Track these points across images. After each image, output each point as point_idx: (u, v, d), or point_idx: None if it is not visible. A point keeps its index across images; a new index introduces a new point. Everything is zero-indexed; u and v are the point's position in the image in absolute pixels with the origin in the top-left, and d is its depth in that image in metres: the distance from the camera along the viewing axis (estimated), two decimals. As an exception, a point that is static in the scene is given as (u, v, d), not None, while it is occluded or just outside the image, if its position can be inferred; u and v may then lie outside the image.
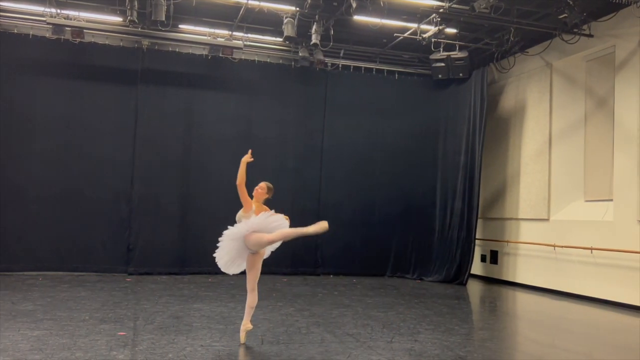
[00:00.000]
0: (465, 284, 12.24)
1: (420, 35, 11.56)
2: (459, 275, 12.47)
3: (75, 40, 11.32)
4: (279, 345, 6.18)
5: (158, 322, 7.11)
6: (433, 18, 10.92)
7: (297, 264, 12.82)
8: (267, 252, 6.34)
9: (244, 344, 6.17)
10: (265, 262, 12.91)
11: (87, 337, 6.15)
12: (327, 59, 12.91)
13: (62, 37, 11.22)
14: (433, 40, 11.78)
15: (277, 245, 6.26)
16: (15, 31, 11.42)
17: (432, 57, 12.75)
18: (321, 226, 5.72)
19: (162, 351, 5.73)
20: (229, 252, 6.07)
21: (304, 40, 12.20)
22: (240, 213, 6.19)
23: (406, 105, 13.59)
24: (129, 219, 11.88)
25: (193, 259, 12.07)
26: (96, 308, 7.90)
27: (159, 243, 12.01)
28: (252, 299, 6.23)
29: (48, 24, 10.99)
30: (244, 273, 6.39)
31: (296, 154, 13.05)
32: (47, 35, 11.33)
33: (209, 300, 8.90)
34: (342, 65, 13.36)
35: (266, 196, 6.37)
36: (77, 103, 11.72)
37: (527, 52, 12.19)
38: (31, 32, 11.44)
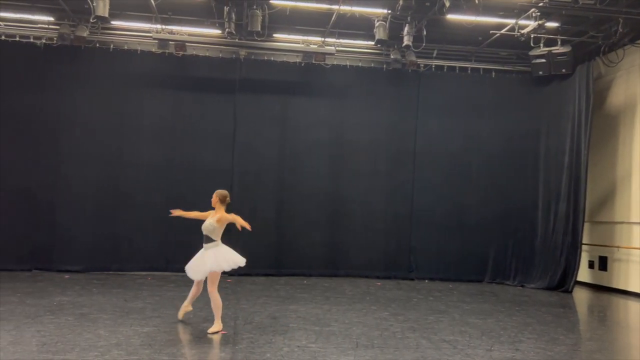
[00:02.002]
0: (571, 292, 11.55)
1: (518, 31, 11.10)
2: (564, 282, 11.79)
3: (179, 54, 12.02)
4: (374, 349, 6.16)
5: (256, 322, 7.35)
6: (532, 12, 10.45)
7: (390, 269, 12.73)
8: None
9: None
10: (359, 266, 12.99)
11: (191, 335, 6.48)
12: (419, 60, 12.75)
13: (167, 51, 11.97)
14: (532, 35, 11.27)
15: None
16: (126, 47, 12.33)
17: (532, 53, 12.19)
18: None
19: (261, 350, 5.91)
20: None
21: (396, 42, 12.12)
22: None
23: (504, 104, 13.09)
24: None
25: (288, 261, 12.42)
26: (200, 307, 8.29)
27: (256, 245, 12.37)
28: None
29: (154, 39, 11.76)
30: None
31: (388, 157, 12.98)
32: (153, 50, 12.12)
33: (304, 302, 9.06)
34: (435, 65, 13.12)
35: (219, 203, 7.41)
36: (180, 113, 12.41)
37: (638, 44, 11.31)
38: (139, 48, 12.29)
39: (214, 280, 6.77)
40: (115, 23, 12.01)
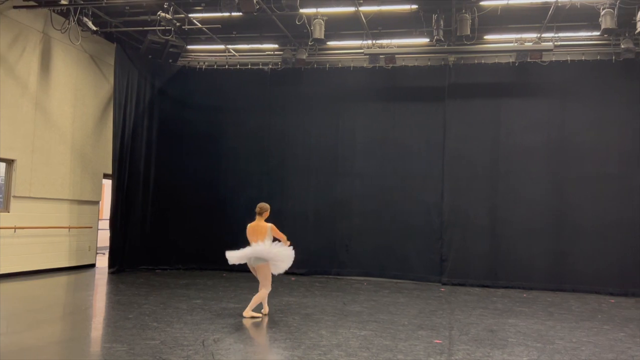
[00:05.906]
0: None
1: None
2: None
3: (388, 66, 12.39)
4: (608, 374, 5.54)
5: (473, 334, 7.15)
6: None
7: (627, 284, 11.22)
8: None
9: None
10: (588, 280, 11.75)
11: (406, 342, 6.57)
12: (657, 47, 11.20)
13: (377, 64, 12.43)
14: None
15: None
16: (340, 65, 13.13)
17: None
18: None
19: (477, 364, 5.73)
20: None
21: (627, 29, 10.83)
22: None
23: None
24: (440, 230, 12.29)
25: (505, 272, 11.81)
26: (414, 314, 8.38)
27: (469, 254, 12.10)
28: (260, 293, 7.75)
29: (365, 54, 12.30)
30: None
31: (621, 158, 11.55)
32: (365, 65, 12.70)
33: (524, 316, 8.54)
34: (678, 51, 11.38)
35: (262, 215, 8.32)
36: (391, 123, 12.75)
37: None
38: (352, 65, 13.00)
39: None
40: (330, 43, 12.88)
